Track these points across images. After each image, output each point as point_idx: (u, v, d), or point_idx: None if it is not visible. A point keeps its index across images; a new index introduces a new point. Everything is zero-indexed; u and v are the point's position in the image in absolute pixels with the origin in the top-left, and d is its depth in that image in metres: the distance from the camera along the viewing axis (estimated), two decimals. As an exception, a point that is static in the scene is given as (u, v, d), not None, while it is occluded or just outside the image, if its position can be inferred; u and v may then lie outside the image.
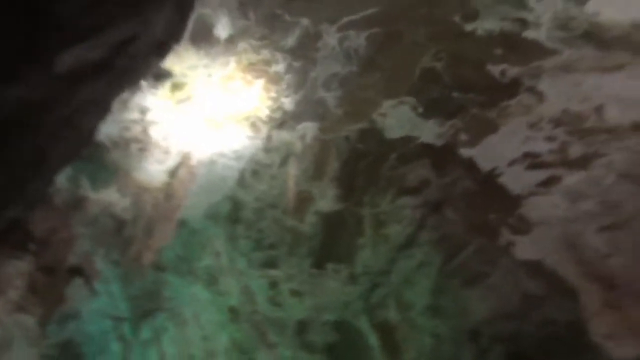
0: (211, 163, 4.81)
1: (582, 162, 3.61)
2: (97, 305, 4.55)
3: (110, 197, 4.98)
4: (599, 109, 3.28)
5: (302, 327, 4.91)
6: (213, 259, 4.98)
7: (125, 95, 4.85)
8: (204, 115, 5.01)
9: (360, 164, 4.76)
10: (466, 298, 4.48)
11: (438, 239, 4.56)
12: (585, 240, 3.70)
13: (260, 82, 4.95)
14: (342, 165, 4.79)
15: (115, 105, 4.73)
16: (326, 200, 4.95)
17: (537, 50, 3.34)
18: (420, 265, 4.71)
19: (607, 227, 3.61)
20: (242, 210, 4.96)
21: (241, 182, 4.84)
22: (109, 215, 5.00)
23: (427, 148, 4.34)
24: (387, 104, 4.21)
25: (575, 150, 3.57)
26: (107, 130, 4.61)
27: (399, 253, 4.73)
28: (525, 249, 4.04)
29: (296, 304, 4.91)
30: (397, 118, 4.26)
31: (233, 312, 4.88)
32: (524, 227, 4.05)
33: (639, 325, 3.36)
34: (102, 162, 4.87)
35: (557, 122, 3.60)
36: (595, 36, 3.02)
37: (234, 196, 4.74)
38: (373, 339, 4.74)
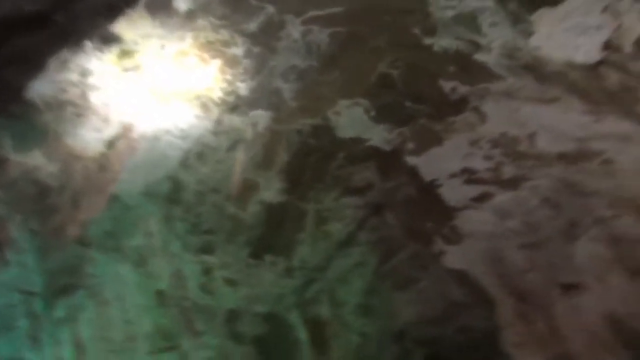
0: (154, 138, 4.55)
1: (512, 183, 3.86)
2: (6, 276, 4.12)
3: (36, 160, 4.54)
4: (532, 136, 3.53)
5: (232, 317, 4.80)
6: (145, 239, 4.72)
7: (65, 54, 4.45)
8: (152, 88, 4.72)
9: (310, 159, 4.75)
10: (396, 300, 4.63)
11: (376, 241, 4.66)
12: (507, 256, 3.97)
13: (216, 63, 4.76)
14: (291, 158, 4.74)
15: (53, 63, 4.32)
16: (271, 191, 4.88)
17: (485, 73, 3.51)
18: (356, 264, 4.79)
19: (527, 245, 3.89)
20: (182, 191, 4.75)
21: (184, 162, 4.62)
22: (32, 180, 4.56)
23: (375, 151, 4.42)
24: (342, 103, 4.23)
25: (508, 171, 3.82)
26: (40, 89, 4.19)
27: (337, 251, 4.79)
28: (454, 258, 4.25)
29: (229, 293, 4.80)
30: (350, 118, 4.29)
31: (160, 296, 4.65)
32: (455, 237, 4.26)
33: (544, 336, 3.66)
34: (31, 122, 4.43)
35: (495, 143, 3.82)
36: (536, 69, 3.23)
37: (175, 176, 4.52)
38: (303, 334, 4.74)
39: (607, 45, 2.68)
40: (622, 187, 3.31)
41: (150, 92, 4.57)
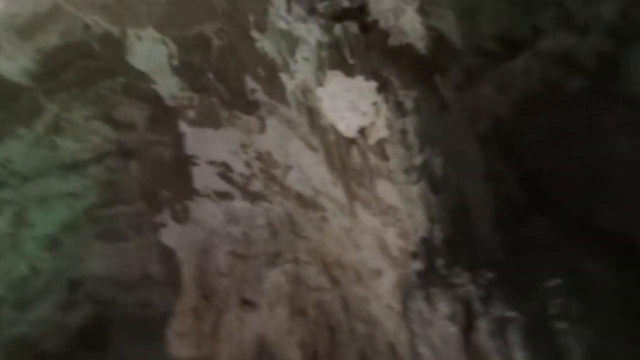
0: None
1: (253, 197, 4.04)
2: None
3: None
4: (288, 168, 3.79)
5: None
6: None
7: None
8: None
9: (81, 61, 3.92)
10: (92, 248, 4.20)
11: (104, 182, 4.16)
12: (216, 255, 4.12)
13: None
14: (60, 46, 3.82)
15: None
16: (13, 63, 3.83)
17: (281, 94, 3.49)
18: (70, 194, 4.14)
19: (236, 253, 4.12)
20: None
21: None
22: None
23: (156, 99, 3.98)
24: (149, 32, 3.65)
25: (256, 185, 3.98)
26: None
27: (56, 169, 4.06)
28: (171, 235, 4.17)
29: None
30: (150, 52, 3.75)
31: None
32: (182, 217, 4.18)
33: (205, 335, 3.89)
34: None
35: (259, 156, 3.91)
36: (313, 116, 3.40)
37: None
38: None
39: (361, 131, 3.06)
40: (323, 242, 3.85)
41: None
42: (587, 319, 1.58)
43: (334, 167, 3.08)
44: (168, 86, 3.88)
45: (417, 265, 2.01)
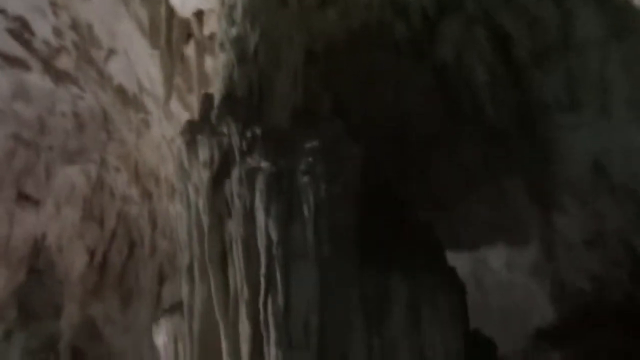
0: None
1: (59, 76, 3.48)
2: None
3: None
4: (111, 53, 3.20)
5: None
6: None
7: None
8: None
9: None
10: None
11: None
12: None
13: None
14: None
15: None
16: None
17: None
18: None
19: (19, 138, 3.47)
20: None
21: None
22: None
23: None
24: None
25: (65, 62, 3.40)
26: None
27: None
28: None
29: None
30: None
31: None
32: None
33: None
34: None
35: (75, 27, 3.18)
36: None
37: None
38: None
39: (198, 15, 2.71)
40: (139, 149, 3.51)
41: None
42: (324, 177, 1.78)
43: (156, 46, 2.62)
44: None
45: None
